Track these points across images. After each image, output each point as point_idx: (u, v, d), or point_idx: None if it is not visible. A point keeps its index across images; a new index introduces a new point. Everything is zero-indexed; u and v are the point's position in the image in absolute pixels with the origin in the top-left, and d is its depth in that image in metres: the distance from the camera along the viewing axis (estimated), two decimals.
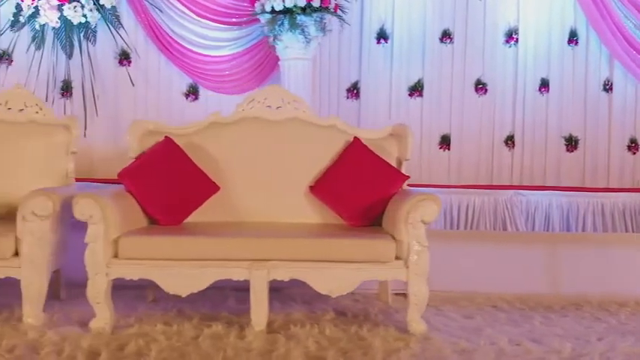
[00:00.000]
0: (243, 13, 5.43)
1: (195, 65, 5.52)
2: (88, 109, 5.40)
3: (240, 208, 3.33)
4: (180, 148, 3.28)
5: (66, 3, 5.19)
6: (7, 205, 3.24)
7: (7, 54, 5.52)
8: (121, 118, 5.48)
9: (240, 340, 2.61)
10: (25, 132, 3.37)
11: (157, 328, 2.74)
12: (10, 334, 2.61)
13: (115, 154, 5.14)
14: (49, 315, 2.86)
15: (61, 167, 3.33)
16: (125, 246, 2.73)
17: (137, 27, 5.52)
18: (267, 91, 3.50)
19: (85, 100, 5.39)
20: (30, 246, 2.71)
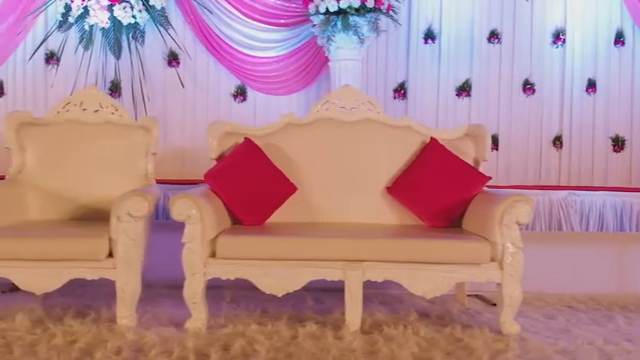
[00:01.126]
0: (291, 14, 5.44)
1: (243, 66, 5.53)
2: (138, 110, 5.41)
3: (316, 209, 3.33)
4: (260, 149, 3.28)
5: (116, 3, 5.19)
6: (90, 205, 3.28)
7: (55, 55, 5.54)
8: (169, 119, 5.51)
9: (339, 341, 2.61)
10: (102, 133, 3.38)
11: (252, 327, 2.74)
12: (110, 336, 2.61)
13: (165, 154, 5.14)
14: (137, 316, 2.86)
15: (140, 168, 3.34)
16: (223, 246, 2.74)
17: (185, 28, 5.53)
18: (341, 92, 3.50)
19: (134, 101, 5.40)
20: (125, 247, 2.72)
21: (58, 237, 2.76)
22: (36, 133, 3.36)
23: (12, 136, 3.30)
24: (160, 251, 3.07)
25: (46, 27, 5.52)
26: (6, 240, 2.72)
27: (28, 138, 3.34)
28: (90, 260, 2.72)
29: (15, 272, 2.70)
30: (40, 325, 2.73)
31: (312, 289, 3.13)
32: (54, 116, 3.41)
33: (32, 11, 5.43)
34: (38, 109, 5.31)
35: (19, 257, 2.69)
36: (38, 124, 3.39)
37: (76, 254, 2.71)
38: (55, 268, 2.70)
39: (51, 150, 3.35)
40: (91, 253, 2.72)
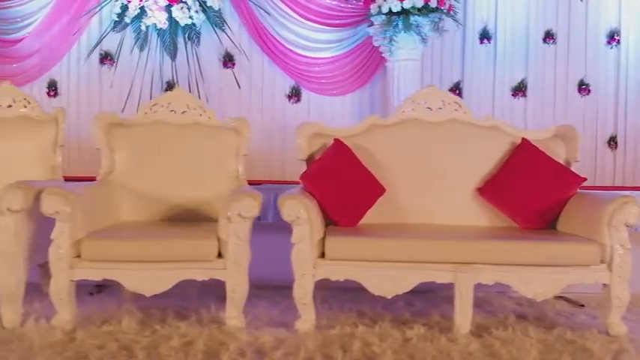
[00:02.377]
0: (346, 15, 5.44)
1: (298, 67, 5.54)
2: None
3: (403, 210, 3.31)
4: (350, 150, 3.27)
5: (175, 4, 5.18)
6: (182, 206, 3.26)
7: (109, 55, 5.55)
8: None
9: (453, 343, 2.60)
10: (191, 134, 3.37)
11: (360, 329, 2.73)
12: (225, 337, 2.60)
13: None
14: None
15: (231, 169, 3.33)
16: (332, 247, 2.73)
17: (241, 29, 5.54)
18: (426, 92, 3.48)
19: None
20: (235, 247, 2.71)
21: (169, 238, 2.75)
22: (124, 134, 3.35)
23: (101, 137, 3.29)
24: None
25: (100, 27, 5.53)
26: (115, 242, 2.72)
27: (117, 139, 3.33)
28: (200, 261, 2.71)
29: (124, 274, 2.69)
30: (147, 327, 2.73)
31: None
32: (142, 117, 3.40)
33: (87, 11, 5.44)
34: (93, 109, 5.32)
35: (128, 259, 2.68)
36: (126, 125, 3.38)
37: (187, 255, 2.71)
38: (165, 270, 2.69)
39: (140, 151, 3.34)
40: (202, 254, 2.71)
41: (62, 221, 2.66)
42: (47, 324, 2.69)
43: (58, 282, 2.67)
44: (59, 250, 2.66)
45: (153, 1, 5.20)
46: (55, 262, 2.67)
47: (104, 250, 2.69)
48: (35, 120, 3.39)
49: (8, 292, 2.69)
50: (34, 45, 5.46)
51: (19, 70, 5.49)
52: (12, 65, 5.48)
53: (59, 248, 2.66)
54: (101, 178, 3.28)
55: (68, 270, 2.67)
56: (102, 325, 2.74)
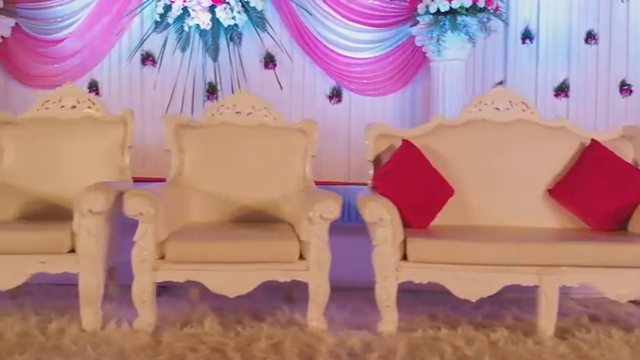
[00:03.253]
0: (388, 15, 5.43)
1: (339, 67, 5.53)
2: None
3: (472, 211, 3.29)
4: (419, 151, 3.25)
5: (219, 4, 5.18)
6: (250, 207, 3.25)
7: (151, 55, 5.54)
8: None
9: (540, 346, 2.58)
10: (257, 135, 3.36)
11: (443, 332, 2.72)
12: (311, 339, 2.58)
13: None
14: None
15: (298, 170, 3.31)
16: (415, 249, 2.71)
17: (282, 30, 5.52)
18: (494, 93, 3.46)
19: None
20: (319, 249, 2.69)
21: (252, 240, 2.74)
22: (193, 135, 3.34)
23: (171, 138, 3.28)
24: None
25: (141, 28, 5.52)
26: (200, 243, 2.71)
27: (186, 140, 3.32)
28: (283, 262, 2.70)
29: (208, 275, 2.68)
30: (230, 329, 2.71)
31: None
32: (208, 118, 3.39)
33: (128, 12, 5.43)
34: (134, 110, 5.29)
35: (213, 260, 2.67)
36: (193, 126, 3.37)
37: (270, 257, 2.69)
38: (249, 271, 2.68)
39: (208, 152, 3.32)
40: (285, 256, 2.70)
41: (146, 222, 2.65)
42: (129, 327, 2.68)
43: (141, 284, 2.66)
44: (143, 252, 2.65)
45: (197, 2, 5.20)
46: (139, 264, 2.65)
47: (189, 252, 2.68)
48: (101, 121, 3.37)
49: (89, 295, 2.68)
50: (75, 45, 5.46)
51: (60, 70, 5.48)
52: (53, 65, 5.48)
53: (143, 250, 2.65)
54: (171, 179, 3.27)
55: (151, 272, 2.66)
56: (182, 327, 2.73)
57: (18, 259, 2.67)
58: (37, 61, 5.46)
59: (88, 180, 3.17)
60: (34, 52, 5.45)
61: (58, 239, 2.68)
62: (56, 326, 2.68)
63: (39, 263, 2.68)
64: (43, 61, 5.47)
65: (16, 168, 3.27)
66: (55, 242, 2.68)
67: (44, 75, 5.49)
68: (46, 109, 3.39)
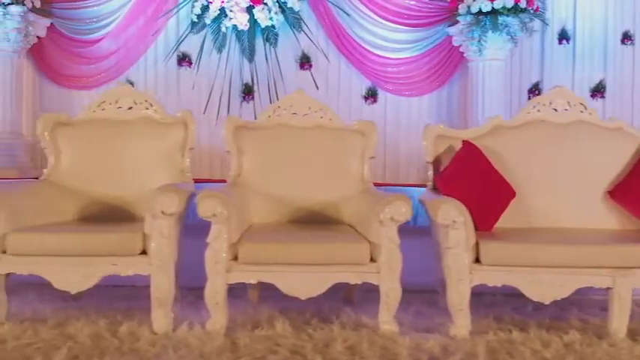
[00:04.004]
0: (425, 15, 5.42)
1: (375, 67, 5.52)
2: None
3: (532, 213, 3.27)
4: (481, 152, 3.24)
5: (257, 5, 5.17)
6: (308, 208, 3.24)
7: (187, 56, 5.53)
8: None
9: (614, 348, 2.57)
10: (314, 136, 3.35)
11: (515, 334, 2.70)
12: (385, 342, 2.56)
13: None
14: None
15: (355, 171, 3.31)
16: (489, 252, 2.70)
17: (318, 30, 5.51)
18: (553, 93, 3.44)
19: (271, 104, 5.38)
20: (389, 251, 2.66)
21: (324, 242, 2.72)
22: (251, 136, 3.33)
23: (230, 139, 3.27)
24: None
25: (177, 28, 5.52)
26: (274, 244, 2.69)
27: (244, 141, 3.31)
28: (354, 265, 2.68)
29: (280, 277, 2.66)
30: (301, 331, 2.70)
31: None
32: (265, 120, 3.38)
33: (164, 13, 5.42)
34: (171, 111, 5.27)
35: (285, 262, 2.66)
36: (251, 127, 3.36)
37: (342, 259, 2.68)
38: (321, 273, 2.67)
39: (266, 153, 3.31)
40: (357, 258, 2.68)
41: (219, 224, 2.64)
42: (202, 329, 2.67)
43: (214, 286, 2.64)
44: (217, 254, 2.64)
45: (235, 3, 5.19)
46: (212, 266, 2.64)
47: (262, 253, 2.66)
48: (159, 122, 3.36)
49: (161, 297, 2.66)
50: (111, 46, 5.46)
51: (96, 70, 5.48)
52: (89, 66, 5.48)
53: (217, 251, 2.63)
54: (231, 180, 3.26)
55: (225, 273, 2.65)
56: (253, 329, 2.72)
57: (89, 261, 2.66)
58: (72, 62, 5.46)
59: (147, 182, 3.20)
60: (69, 53, 5.45)
61: (130, 241, 2.67)
62: (127, 329, 2.66)
63: (111, 265, 2.67)
64: (78, 61, 5.46)
65: (73, 169, 3.26)
66: (127, 244, 2.67)
67: (79, 75, 5.49)
68: (102, 110, 3.38)
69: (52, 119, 3.29)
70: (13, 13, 4.92)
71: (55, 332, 2.61)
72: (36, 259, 2.65)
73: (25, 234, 2.69)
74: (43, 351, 2.41)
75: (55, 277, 2.65)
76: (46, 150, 3.26)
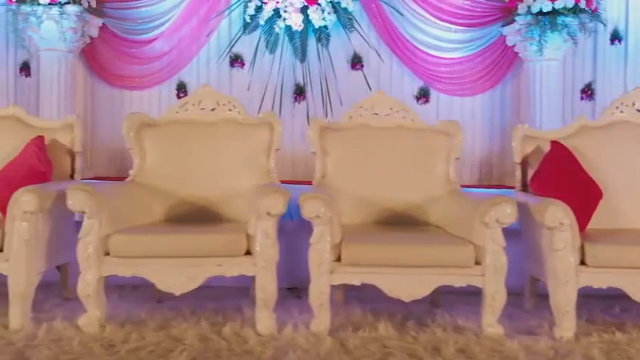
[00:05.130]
0: (479, 15, 5.38)
1: (428, 67, 5.48)
2: (320, 113, 5.36)
3: (619, 214, 3.25)
4: (571, 153, 3.22)
5: (312, 5, 5.15)
6: (394, 209, 3.23)
7: (239, 57, 5.52)
8: None
9: None
10: (397, 137, 3.34)
11: (618, 336, 2.69)
12: (495, 345, 2.55)
13: None
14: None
15: (440, 172, 3.28)
16: (596, 254, 2.68)
17: (369, 29, 5.48)
18: (635, 94, 3.43)
19: (325, 104, 5.37)
20: (495, 254, 2.63)
21: (428, 244, 2.72)
22: (334, 137, 3.32)
23: (316, 140, 3.26)
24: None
25: (229, 29, 5.49)
26: (377, 246, 2.69)
27: (329, 142, 3.30)
28: (458, 267, 2.67)
29: (384, 279, 2.65)
30: (404, 333, 2.69)
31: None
32: (347, 121, 3.38)
33: (217, 13, 5.40)
34: None
35: (389, 264, 2.65)
36: (334, 128, 3.35)
37: (448, 261, 2.67)
38: (425, 275, 2.66)
39: (350, 154, 3.30)
40: (462, 260, 2.66)
41: (323, 225, 2.63)
42: (306, 330, 2.66)
43: (318, 287, 2.64)
44: (321, 255, 2.63)
45: (289, 3, 5.17)
46: (316, 267, 2.63)
47: (366, 254, 2.66)
48: (242, 123, 3.35)
49: (266, 298, 2.65)
50: (164, 46, 5.42)
51: (148, 71, 5.45)
52: (141, 66, 5.45)
53: (321, 252, 2.63)
54: (317, 182, 3.25)
55: (329, 275, 2.64)
56: (354, 330, 2.71)
57: (194, 263, 2.65)
58: (124, 62, 5.43)
59: (233, 183, 3.22)
60: (122, 53, 5.42)
61: (235, 242, 2.67)
62: (230, 330, 2.67)
63: (216, 266, 2.66)
64: (130, 61, 5.43)
65: (158, 170, 3.25)
66: (233, 245, 2.66)
67: (131, 76, 5.46)
68: (185, 111, 3.37)
69: (138, 120, 3.28)
70: (69, 12, 4.90)
71: (161, 335, 2.61)
72: (140, 261, 2.64)
73: (129, 235, 2.69)
74: (158, 354, 2.41)
75: (160, 279, 2.65)
76: (132, 151, 3.25)
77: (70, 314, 2.79)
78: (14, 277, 2.63)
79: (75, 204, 2.60)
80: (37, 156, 3.00)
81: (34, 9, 4.86)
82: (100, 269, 2.64)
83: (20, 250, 2.63)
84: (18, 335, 2.54)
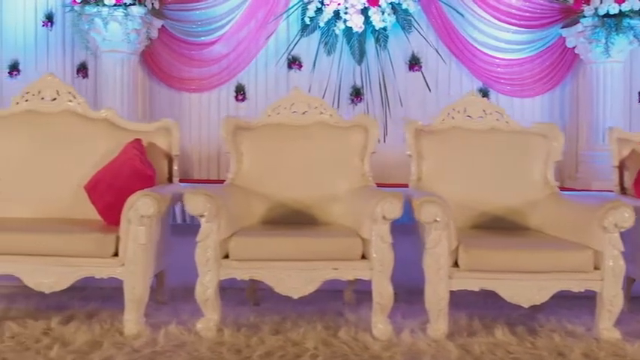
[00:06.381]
0: (538, 16, 5.37)
1: (487, 68, 5.47)
2: (378, 114, 5.35)
3: None
4: None
5: (373, 7, 5.14)
6: (492, 213, 3.20)
7: (297, 59, 5.51)
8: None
9: None
10: (493, 140, 3.31)
11: None
12: (613, 350, 2.53)
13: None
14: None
15: (537, 176, 3.25)
16: None
17: (428, 30, 5.47)
18: None
19: (384, 105, 5.37)
20: (613, 258, 2.63)
21: (548, 249, 2.69)
22: (430, 139, 3.29)
23: (412, 142, 3.25)
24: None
25: (287, 31, 5.49)
26: (496, 252, 2.66)
27: (424, 144, 3.28)
28: (579, 272, 2.64)
29: (502, 284, 2.63)
30: (522, 338, 2.67)
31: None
32: (439, 123, 3.36)
33: (276, 16, 5.40)
34: None
35: (509, 269, 2.63)
36: (427, 130, 3.33)
37: (568, 266, 2.64)
38: (544, 281, 2.63)
39: (445, 157, 3.27)
40: (581, 265, 2.64)
41: (439, 230, 2.61)
42: (423, 335, 2.65)
43: (437, 293, 2.62)
44: (439, 260, 2.61)
45: (350, 5, 5.16)
46: (435, 272, 2.62)
47: (487, 260, 2.63)
48: (333, 126, 3.33)
49: (384, 303, 2.63)
50: (223, 49, 5.43)
51: (208, 73, 5.46)
52: (200, 69, 5.45)
53: (439, 257, 2.61)
54: (412, 184, 3.23)
55: (447, 280, 2.62)
56: (470, 336, 2.68)
57: (312, 266, 2.63)
58: (184, 64, 5.44)
59: (328, 186, 3.21)
60: (181, 55, 5.42)
61: (353, 246, 2.65)
62: (346, 334, 2.65)
63: (332, 270, 2.65)
64: (189, 63, 5.44)
65: (254, 173, 3.24)
66: (350, 248, 2.65)
67: (190, 78, 5.47)
68: (277, 114, 3.36)
69: (233, 123, 3.27)
70: (134, 13, 4.90)
71: (280, 339, 2.59)
72: (258, 264, 2.63)
73: (249, 238, 2.68)
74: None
75: (278, 282, 2.63)
76: (229, 154, 3.24)
77: (173, 319, 2.79)
78: (130, 282, 2.61)
79: (194, 207, 2.58)
80: (139, 159, 2.98)
81: (99, 10, 4.86)
82: (219, 273, 2.62)
83: (136, 255, 2.61)
84: (139, 342, 2.51)
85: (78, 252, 2.63)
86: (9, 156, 3.23)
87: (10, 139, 3.27)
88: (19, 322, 2.74)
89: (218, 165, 5.50)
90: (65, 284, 2.64)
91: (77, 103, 3.33)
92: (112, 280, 2.69)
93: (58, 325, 2.70)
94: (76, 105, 3.32)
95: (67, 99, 3.33)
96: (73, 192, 3.12)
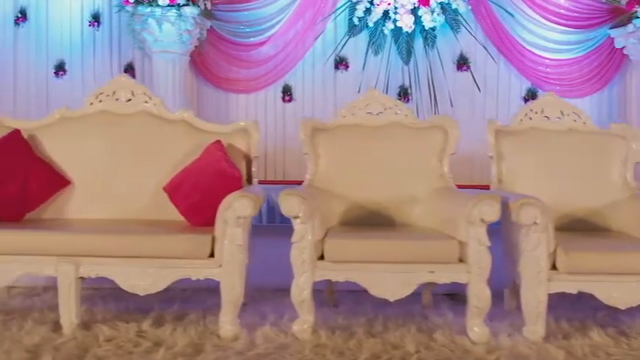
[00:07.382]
0: (587, 16, 5.35)
1: (536, 68, 5.46)
2: (428, 114, 5.34)
3: None
4: None
5: (424, 7, 5.12)
6: (573, 215, 3.18)
7: (344, 59, 5.50)
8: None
9: None
10: (571, 140, 3.30)
11: None
12: None
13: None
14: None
15: (616, 177, 3.23)
16: None
17: (477, 30, 5.45)
18: None
19: (432, 105, 5.35)
20: None
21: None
22: (509, 139, 3.27)
23: (492, 142, 3.23)
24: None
25: (334, 31, 5.47)
26: (596, 255, 2.63)
27: (504, 145, 3.26)
28: None
29: (601, 287, 2.60)
30: (619, 341, 2.65)
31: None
32: (517, 124, 3.34)
33: (324, 17, 5.38)
34: (328, 115, 5.25)
35: (606, 271, 2.61)
36: (506, 131, 3.31)
37: None
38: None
39: (524, 157, 3.25)
40: None
41: (538, 232, 2.59)
42: (521, 337, 2.63)
43: (537, 296, 2.60)
44: (539, 263, 2.59)
45: (400, 5, 5.15)
46: (534, 275, 2.59)
47: (587, 262, 2.60)
48: (411, 127, 3.31)
49: (481, 306, 2.61)
50: (270, 50, 5.42)
51: (255, 74, 5.45)
52: (248, 70, 5.44)
53: (539, 261, 2.59)
54: (494, 186, 3.21)
55: (546, 283, 2.60)
56: (565, 338, 2.66)
57: (408, 268, 2.61)
58: (232, 64, 5.43)
59: (406, 187, 3.21)
60: (228, 55, 5.42)
61: (449, 248, 2.63)
62: (442, 336, 2.63)
63: (428, 273, 2.63)
64: (237, 64, 5.43)
65: (331, 174, 3.23)
66: (446, 251, 2.63)
67: (237, 79, 5.46)
68: (352, 115, 3.35)
69: (311, 124, 3.26)
70: (187, 14, 4.89)
71: (378, 342, 2.57)
72: (354, 266, 2.62)
73: (346, 240, 2.67)
74: None
75: (373, 284, 2.62)
76: (307, 155, 3.22)
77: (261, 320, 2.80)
78: (228, 283, 2.60)
79: (289, 209, 2.57)
80: (225, 160, 2.97)
81: (152, 10, 4.85)
82: (314, 274, 2.61)
83: (234, 256, 2.60)
84: (239, 344, 2.50)
85: (175, 253, 2.62)
86: (84, 157, 3.23)
87: (85, 139, 3.26)
88: (109, 324, 2.72)
89: (265, 165, 5.48)
90: (161, 286, 2.63)
91: (153, 103, 3.32)
92: (187, 281, 2.69)
93: (150, 328, 2.69)
94: (151, 106, 3.31)
95: (143, 100, 3.32)
96: (151, 193, 3.12)
